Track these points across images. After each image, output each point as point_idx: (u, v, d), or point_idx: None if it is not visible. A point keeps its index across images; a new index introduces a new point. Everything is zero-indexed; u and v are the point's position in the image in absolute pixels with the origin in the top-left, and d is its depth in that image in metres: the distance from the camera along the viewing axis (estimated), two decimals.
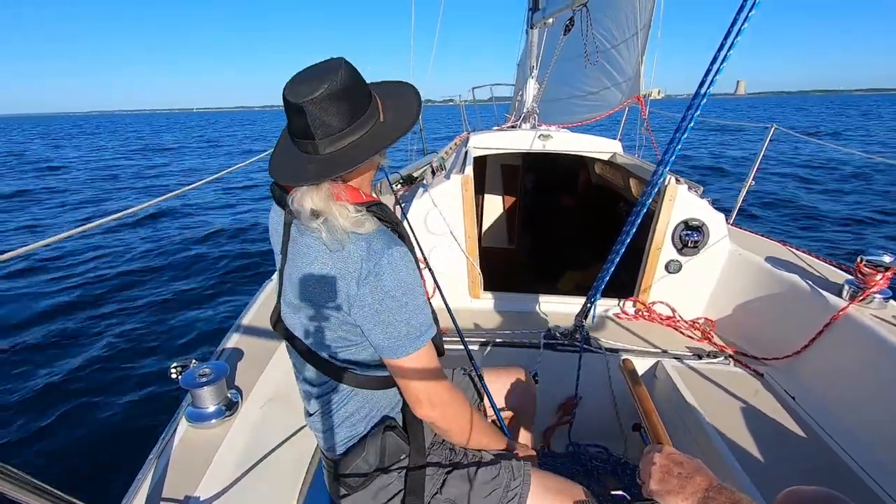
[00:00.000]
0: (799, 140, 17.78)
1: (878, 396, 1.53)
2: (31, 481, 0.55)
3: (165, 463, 1.14)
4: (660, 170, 1.70)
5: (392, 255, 0.94)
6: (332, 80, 0.91)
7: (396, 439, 1.12)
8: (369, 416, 1.11)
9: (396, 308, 0.95)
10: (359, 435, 1.12)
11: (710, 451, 1.51)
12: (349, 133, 0.95)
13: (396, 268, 0.94)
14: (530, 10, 3.73)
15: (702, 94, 1.50)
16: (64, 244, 7.24)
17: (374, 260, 0.93)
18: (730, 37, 1.40)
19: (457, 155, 3.23)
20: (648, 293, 2.37)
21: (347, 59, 0.96)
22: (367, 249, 0.94)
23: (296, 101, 0.91)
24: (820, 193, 10.65)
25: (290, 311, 1.07)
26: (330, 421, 1.10)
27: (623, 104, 4.20)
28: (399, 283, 0.95)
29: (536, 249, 4.34)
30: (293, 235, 1.03)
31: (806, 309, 1.87)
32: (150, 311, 5.17)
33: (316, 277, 0.97)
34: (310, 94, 0.90)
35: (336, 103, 0.92)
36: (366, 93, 0.99)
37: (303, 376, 1.13)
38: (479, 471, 1.18)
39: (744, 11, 1.35)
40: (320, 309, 0.99)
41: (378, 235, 0.96)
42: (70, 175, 16.98)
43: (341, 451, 1.12)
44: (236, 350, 1.59)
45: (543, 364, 1.99)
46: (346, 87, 0.93)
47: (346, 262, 0.94)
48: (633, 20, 3.79)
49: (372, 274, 0.93)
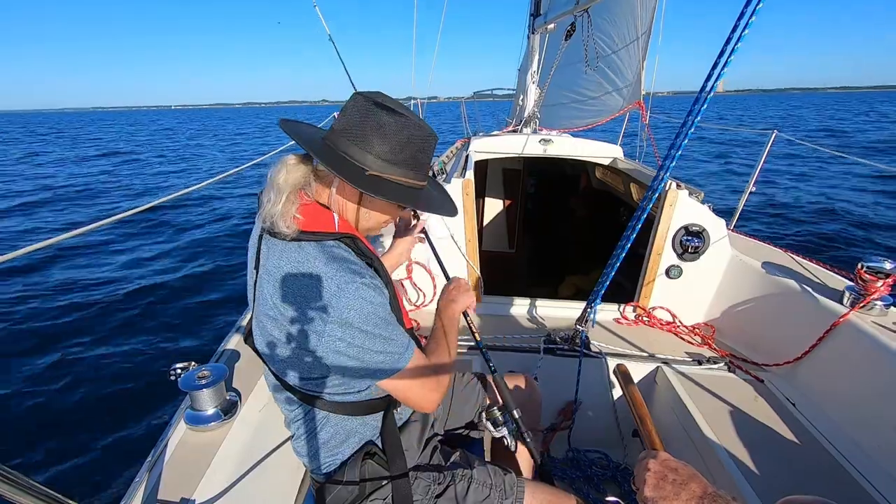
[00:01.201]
0: (799, 145, 17.79)
1: (878, 403, 1.53)
2: (31, 484, 0.55)
3: (164, 465, 1.13)
4: (660, 175, 1.70)
5: (350, 289, 0.90)
6: (407, 118, 0.95)
7: (376, 467, 1.10)
8: (346, 441, 1.09)
9: (364, 339, 0.92)
10: (338, 460, 1.10)
11: (710, 457, 1.51)
12: (370, 156, 0.94)
13: (359, 301, 0.90)
14: (532, 15, 3.75)
15: (702, 100, 1.51)
16: (60, 246, 7.24)
17: (337, 294, 0.90)
18: (730, 42, 1.41)
19: (458, 159, 3.24)
20: (649, 298, 2.36)
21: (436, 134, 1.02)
22: (330, 279, 0.91)
23: (369, 97, 0.95)
24: (820, 198, 10.64)
25: (258, 333, 1.03)
26: (308, 445, 1.10)
27: (624, 109, 4.22)
28: (365, 316, 0.91)
29: (537, 254, 4.34)
30: (262, 250, 1.00)
31: (806, 315, 1.86)
32: (150, 313, 5.17)
33: (285, 294, 0.94)
34: (385, 108, 0.93)
35: (390, 137, 0.94)
36: (420, 161, 1.00)
37: (277, 400, 1.12)
38: (469, 493, 1.15)
39: (744, 18, 1.36)
40: (288, 329, 0.95)
41: (341, 267, 0.92)
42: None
43: (324, 475, 1.11)
44: (235, 352, 1.58)
45: (543, 369, 1.99)
46: (406, 140, 0.95)
47: (315, 285, 0.91)
48: (634, 26, 3.81)
49: (342, 309, 0.90)
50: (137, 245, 7.71)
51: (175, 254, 7.31)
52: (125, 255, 7.24)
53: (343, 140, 0.95)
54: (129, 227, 8.60)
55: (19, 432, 3.31)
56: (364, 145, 0.94)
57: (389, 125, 0.94)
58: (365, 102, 0.95)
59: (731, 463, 1.44)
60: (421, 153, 0.99)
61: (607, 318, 2.38)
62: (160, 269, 6.59)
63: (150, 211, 8.03)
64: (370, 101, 0.95)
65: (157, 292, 5.77)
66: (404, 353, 0.99)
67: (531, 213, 4.50)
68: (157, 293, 5.74)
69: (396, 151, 0.96)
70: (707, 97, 1.50)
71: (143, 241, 7.99)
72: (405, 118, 0.95)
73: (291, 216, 0.94)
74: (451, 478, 1.18)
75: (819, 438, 1.58)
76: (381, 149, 0.94)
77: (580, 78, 4.44)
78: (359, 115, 0.95)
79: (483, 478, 1.18)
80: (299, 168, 0.99)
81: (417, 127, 0.96)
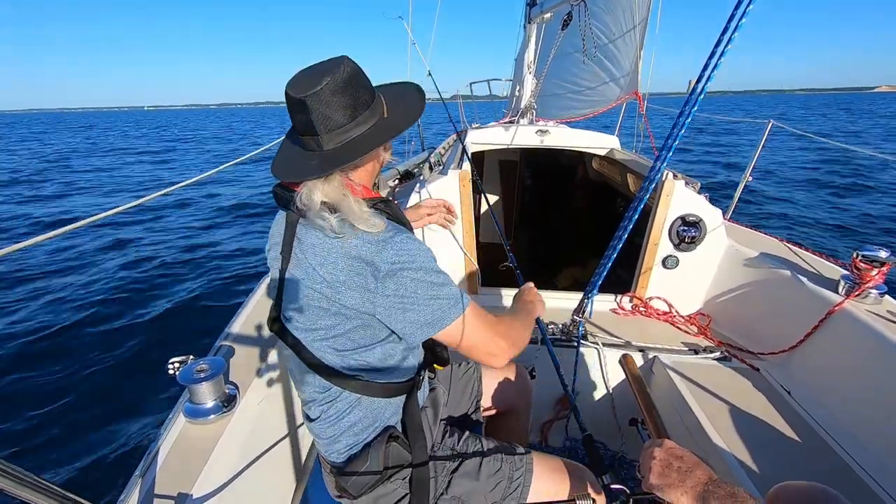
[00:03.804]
0: (793, 135, 17.83)
1: (873, 391, 1.54)
2: (32, 478, 0.55)
3: (163, 459, 1.14)
4: (657, 165, 1.70)
5: (404, 242, 0.94)
6: (334, 75, 0.91)
7: (399, 449, 1.11)
8: (373, 425, 1.10)
9: (425, 286, 0.94)
10: (362, 443, 1.11)
11: (706, 445, 1.52)
12: (353, 127, 0.95)
13: (412, 253, 0.94)
14: (528, 4, 3.72)
15: (699, 91, 1.50)
16: (55, 242, 7.21)
17: (389, 250, 0.92)
18: (726, 33, 1.40)
19: (454, 151, 3.23)
20: (645, 289, 2.37)
21: (350, 57, 0.96)
22: (379, 242, 0.93)
23: (298, 96, 0.90)
24: (816, 188, 10.68)
25: (296, 316, 1.03)
26: (333, 429, 1.10)
27: (621, 99, 4.20)
28: (419, 265, 0.94)
29: (534, 245, 4.34)
30: (299, 236, 1.00)
31: (802, 304, 1.88)
32: (148, 307, 5.16)
33: (328, 278, 0.94)
34: (312, 88, 0.89)
35: (339, 97, 0.92)
36: (369, 89, 0.98)
37: (304, 383, 1.11)
38: (482, 467, 1.19)
39: (740, 9, 1.35)
40: (331, 310, 0.97)
41: (388, 228, 0.95)
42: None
43: (343, 459, 1.12)
44: (234, 345, 1.58)
45: (540, 359, 2.00)
46: (348, 82, 0.92)
47: (359, 258, 0.92)
48: (631, 15, 3.78)
49: (390, 263, 0.92)
50: (132, 240, 7.68)
51: (171, 249, 7.28)
52: (121, 249, 7.21)
53: (338, 134, 0.95)
54: (126, 223, 8.57)
55: (18, 427, 3.32)
56: (355, 114, 0.95)
57: (340, 87, 0.92)
58: (314, 99, 0.91)
59: (726, 451, 1.46)
60: (362, 75, 0.98)
61: (604, 308, 2.39)
62: (157, 264, 6.57)
63: (151, 202, 7.99)
64: (314, 95, 0.90)
65: (155, 286, 5.76)
66: (461, 298, 0.99)
67: (528, 205, 4.50)
68: (155, 287, 5.73)
69: (367, 91, 0.97)
70: (703, 87, 1.50)
71: (139, 236, 7.96)
72: (329, 73, 0.91)
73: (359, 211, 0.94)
74: (463, 454, 1.23)
75: (814, 426, 1.60)
76: (361, 105, 0.96)
77: (577, 68, 4.41)
78: (326, 108, 0.92)
79: (494, 452, 1.23)
80: (323, 184, 0.96)
81: (341, 66, 0.93)
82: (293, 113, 0.94)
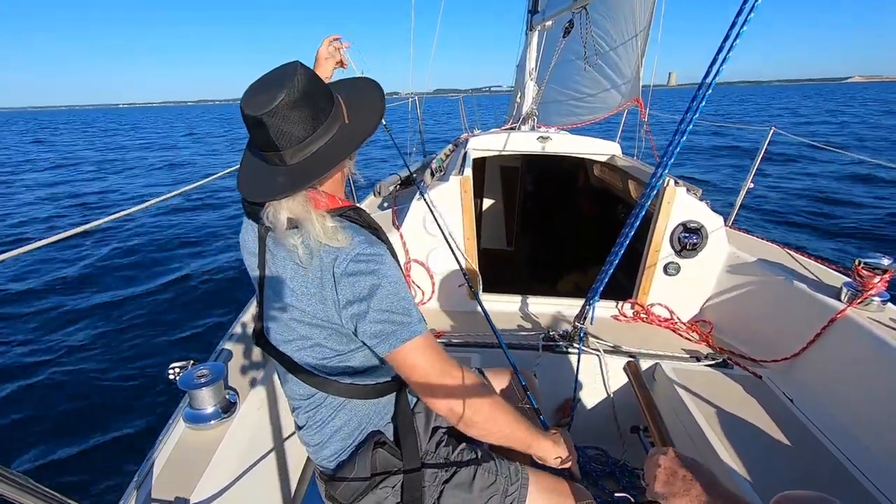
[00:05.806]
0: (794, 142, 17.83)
1: (876, 399, 1.53)
2: (30, 483, 0.55)
3: (163, 464, 1.13)
4: (658, 172, 1.70)
5: (370, 256, 0.93)
6: (289, 88, 0.87)
7: (387, 455, 1.09)
8: (359, 429, 1.09)
9: (388, 299, 0.93)
10: (349, 449, 1.09)
11: (708, 453, 1.51)
12: (314, 140, 0.93)
13: (379, 267, 0.93)
14: (529, 12, 3.74)
15: (700, 97, 1.50)
16: (60, 245, 7.22)
17: (353, 263, 0.91)
18: (729, 39, 1.41)
19: (455, 156, 3.24)
20: (647, 295, 2.37)
21: (302, 63, 0.93)
22: (346, 255, 0.91)
23: (254, 114, 0.87)
24: (819, 195, 10.67)
25: (274, 326, 1.04)
26: (319, 435, 1.09)
27: (622, 106, 4.21)
28: (384, 279, 0.93)
29: (535, 251, 4.34)
30: (269, 249, 1.00)
31: (804, 311, 1.87)
32: (149, 312, 5.16)
33: (298, 290, 0.95)
34: (268, 105, 0.86)
35: (297, 111, 0.89)
36: (327, 95, 0.96)
37: (289, 390, 1.11)
38: (475, 479, 1.16)
39: (742, 14, 1.36)
40: (304, 321, 0.97)
41: (356, 241, 0.93)
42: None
43: (333, 466, 1.11)
44: (234, 351, 1.58)
45: (542, 366, 1.99)
46: (305, 93, 0.90)
47: (326, 271, 0.92)
48: (632, 22, 3.80)
49: (350, 275, 0.91)
50: (133, 244, 7.69)
51: (172, 254, 7.29)
52: (121, 254, 7.22)
53: (300, 149, 0.92)
54: (126, 227, 8.59)
55: (17, 433, 3.31)
56: (315, 125, 0.92)
57: (297, 100, 0.89)
58: (271, 116, 0.88)
59: (729, 459, 1.45)
60: (317, 81, 0.96)
61: (605, 315, 2.39)
62: (157, 269, 6.58)
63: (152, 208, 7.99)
64: (271, 112, 0.87)
65: (155, 291, 5.76)
66: (419, 322, 0.97)
67: (529, 211, 4.50)
68: (156, 292, 5.73)
69: (324, 97, 0.95)
70: (706, 94, 1.50)
71: (139, 239, 7.97)
72: (283, 86, 0.88)
73: (321, 225, 0.92)
74: (457, 464, 1.19)
75: (817, 434, 1.59)
76: (320, 114, 0.93)
77: (578, 75, 4.43)
78: (285, 124, 0.90)
79: (489, 464, 1.20)
80: (289, 201, 0.93)
81: (295, 76, 0.90)
82: (251, 129, 0.92)
